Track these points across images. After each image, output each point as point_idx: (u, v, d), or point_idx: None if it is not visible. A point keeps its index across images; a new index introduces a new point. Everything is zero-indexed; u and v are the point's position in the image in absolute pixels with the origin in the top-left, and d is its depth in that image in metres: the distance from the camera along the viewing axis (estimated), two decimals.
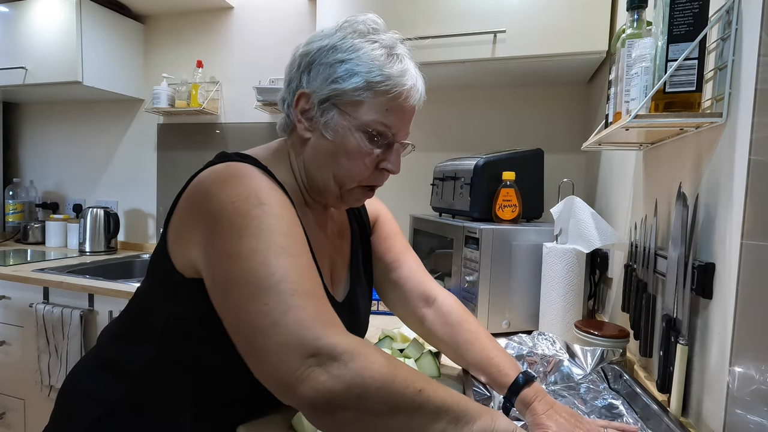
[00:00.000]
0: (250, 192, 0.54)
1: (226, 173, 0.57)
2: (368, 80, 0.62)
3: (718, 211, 0.61)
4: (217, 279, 0.53)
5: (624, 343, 0.88)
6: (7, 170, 2.56)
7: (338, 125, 0.64)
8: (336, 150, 0.65)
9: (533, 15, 1.32)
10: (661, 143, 0.83)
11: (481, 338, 0.77)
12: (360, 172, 0.66)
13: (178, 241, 0.60)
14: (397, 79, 0.63)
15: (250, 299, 0.49)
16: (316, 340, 0.46)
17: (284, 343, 0.46)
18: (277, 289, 0.48)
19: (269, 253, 0.50)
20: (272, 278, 0.49)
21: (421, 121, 1.84)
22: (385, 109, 0.64)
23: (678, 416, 0.66)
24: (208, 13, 2.16)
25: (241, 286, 0.49)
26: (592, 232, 1.00)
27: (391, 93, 0.63)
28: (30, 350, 1.68)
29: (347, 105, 0.64)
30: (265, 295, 0.48)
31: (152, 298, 0.67)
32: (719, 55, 0.63)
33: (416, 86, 0.66)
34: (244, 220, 0.52)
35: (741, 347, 0.55)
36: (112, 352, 0.68)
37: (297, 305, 0.47)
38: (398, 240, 0.87)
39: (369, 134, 0.64)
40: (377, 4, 1.46)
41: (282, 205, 0.56)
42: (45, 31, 1.97)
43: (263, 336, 0.47)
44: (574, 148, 1.66)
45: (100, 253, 2.15)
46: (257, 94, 1.88)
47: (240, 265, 0.50)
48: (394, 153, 0.68)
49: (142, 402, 0.63)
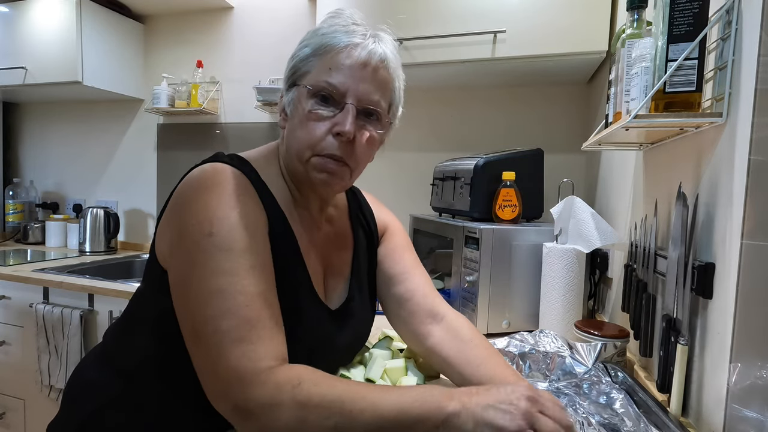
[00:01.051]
0: (206, 216, 0.56)
1: (202, 179, 0.59)
2: (313, 48, 0.64)
3: (718, 211, 0.61)
4: (175, 299, 0.58)
5: (624, 343, 0.88)
6: (7, 170, 2.56)
7: (294, 99, 0.66)
8: (293, 124, 0.66)
9: (533, 15, 1.32)
10: (661, 143, 0.83)
11: (496, 357, 0.71)
12: (311, 137, 0.63)
13: (161, 236, 0.63)
14: (332, 36, 0.63)
15: (192, 340, 0.54)
16: (236, 394, 0.49)
17: (217, 389, 0.51)
18: (210, 339, 0.52)
19: (208, 298, 0.53)
20: (206, 326, 0.52)
21: (421, 121, 1.85)
22: (328, 68, 0.63)
23: (678, 416, 0.66)
24: (208, 13, 2.16)
25: (189, 325, 0.54)
26: (592, 232, 1.00)
27: (332, 51, 0.63)
28: (30, 350, 1.68)
29: (301, 77, 0.65)
30: (202, 342, 0.52)
31: (146, 292, 0.69)
32: (719, 55, 0.63)
33: (363, 44, 0.63)
34: (195, 251, 0.55)
35: (741, 347, 0.55)
36: (112, 347, 0.71)
37: (221, 356, 0.50)
38: (407, 253, 0.83)
39: (316, 96, 0.63)
40: (377, 3, 1.46)
41: (236, 227, 0.56)
42: (45, 31, 1.97)
43: (202, 375, 0.53)
44: (573, 148, 1.66)
45: (100, 253, 2.16)
46: (257, 94, 1.88)
47: (188, 302, 0.55)
48: (343, 113, 0.63)
49: (141, 395, 0.64)
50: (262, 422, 0.48)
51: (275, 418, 0.48)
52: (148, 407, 0.64)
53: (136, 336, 0.67)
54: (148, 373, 0.64)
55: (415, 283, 0.80)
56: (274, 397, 0.48)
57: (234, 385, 0.49)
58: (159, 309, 0.62)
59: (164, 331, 0.62)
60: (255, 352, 0.51)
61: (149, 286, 0.68)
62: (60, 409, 0.73)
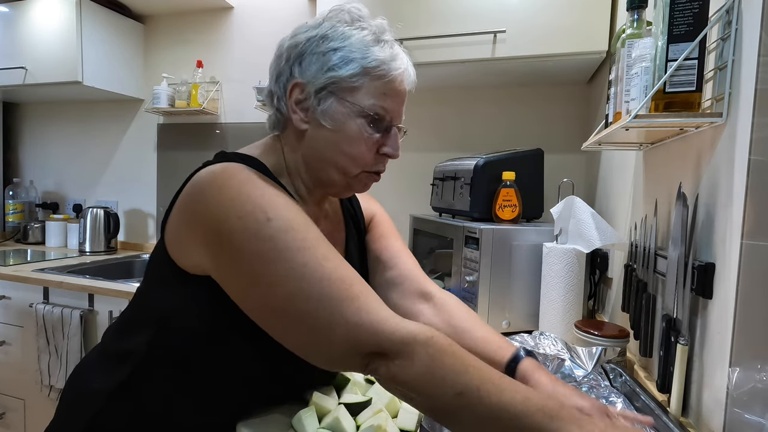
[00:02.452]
0: (254, 206, 0.54)
1: (223, 177, 0.57)
2: (364, 66, 0.64)
3: (718, 211, 0.61)
4: (250, 302, 0.55)
5: (624, 343, 0.88)
6: (7, 170, 2.56)
7: (337, 112, 0.65)
8: (336, 138, 0.65)
9: (533, 15, 1.32)
10: (661, 143, 0.83)
11: (485, 326, 0.77)
12: (363, 157, 0.67)
13: (176, 240, 0.61)
14: (391, 64, 0.65)
15: (293, 320, 0.52)
16: (367, 344, 0.51)
17: (341, 350, 0.52)
18: (320, 309, 0.51)
19: (298, 277, 0.52)
20: (309, 301, 0.51)
21: (421, 121, 1.84)
22: (382, 93, 0.65)
23: (678, 416, 0.66)
24: (208, 13, 2.16)
25: (284, 313, 0.52)
26: (592, 232, 1.00)
27: (387, 77, 0.65)
28: (30, 350, 1.68)
29: (345, 91, 0.64)
30: (310, 316, 0.51)
31: (149, 292, 0.67)
32: (719, 55, 0.63)
33: (408, 70, 0.68)
34: (258, 243, 0.52)
35: (741, 347, 0.55)
36: (111, 348, 0.69)
37: (341, 319, 0.51)
38: (393, 240, 0.86)
39: (369, 119, 0.65)
40: (377, 3, 1.46)
41: (287, 208, 0.56)
42: (45, 31, 1.97)
43: (320, 352, 0.53)
44: (574, 148, 1.66)
45: (100, 253, 2.16)
46: (257, 94, 1.88)
47: (275, 292, 0.52)
48: (392, 137, 0.69)
49: (139, 395, 0.63)
50: (396, 365, 0.50)
51: (408, 364, 0.50)
52: (149, 406, 0.63)
53: (136, 337, 0.66)
54: (147, 372, 0.63)
55: (406, 267, 0.82)
56: (408, 343, 0.50)
57: (363, 338, 0.51)
58: (167, 310, 0.62)
59: (170, 331, 0.62)
60: (368, 305, 0.52)
61: (156, 288, 0.66)
62: (56, 414, 0.71)
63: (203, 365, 0.62)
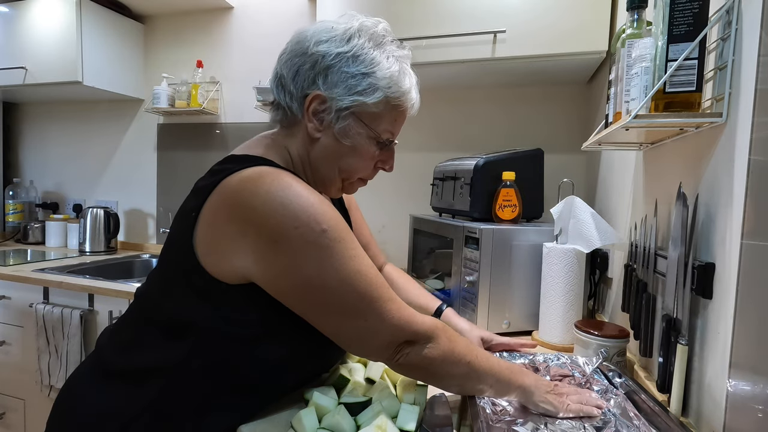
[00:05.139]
0: (308, 216, 0.58)
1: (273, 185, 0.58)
2: (387, 96, 0.69)
3: (718, 211, 0.61)
4: (305, 305, 0.61)
5: (624, 343, 0.88)
6: (7, 170, 2.56)
7: (354, 133, 0.70)
8: (346, 151, 0.71)
9: (533, 15, 1.32)
10: (661, 143, 0.83)
11: (418, 287, 1.08)
12: (364, 170, 0.75)
13: (212, 250, 0.60)
14: (408, 95, 0.72)
15: (349, 319, 0.61)
16: (404, 335, 0.63)
17: (384, 343, 0.63)
18: (370, 310, 0.61)
19: (353, 283, 0.60)
20: (362, 303, 0.60)
21: (421, 121, 1.84)
22: (394, 120, 0.73)
23: (678, 416, 0.66)
24: (208, 13, 2.16)
25: (338, 311, 0.61)
26: (592, 232, 1.00)
27: (402, 107, 0.72)
28: (30, 350, 1.68)
29: (366, 116, 0.69)
30: (362, 316, 0.61)
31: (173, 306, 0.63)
32: (719, 55, 0.63)
33: (418, 99, 0.75)
34: (317, 252, 0.58)
35: (741, 347, 0.55)
36: (119, 367, 0.65)
37: (387, 317, 0.62)
38: (364, 228, 1.05)
39: (379, 142, 0.72)
40: (377, 3, 1.46)
41: (335, 217, 0.60)
42: (45, 31, 1.97)
43: (363, 342, 0.64)
44: (574, 148, 1.66)
45: (100, 253, 2.16)
46: (257, 94, 1.88)
47: (332, 294, 0.60)
48: (391, 154, 0.76)
49: (170, 415, 0.61)
50: (428, 348, 0.64)
51: (435, 346, 0.64)
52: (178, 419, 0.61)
53: (166, 353, 0.62)
54: (185, 389, 0.61)
55: (373, 251, 1.06)
56: (434, 330, 0.65)
57: (404, 329, 0.62)
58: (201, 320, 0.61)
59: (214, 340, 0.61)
60: (400, 304, 0.64)
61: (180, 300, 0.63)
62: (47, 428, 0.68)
63: (245, 372, 0.63)
